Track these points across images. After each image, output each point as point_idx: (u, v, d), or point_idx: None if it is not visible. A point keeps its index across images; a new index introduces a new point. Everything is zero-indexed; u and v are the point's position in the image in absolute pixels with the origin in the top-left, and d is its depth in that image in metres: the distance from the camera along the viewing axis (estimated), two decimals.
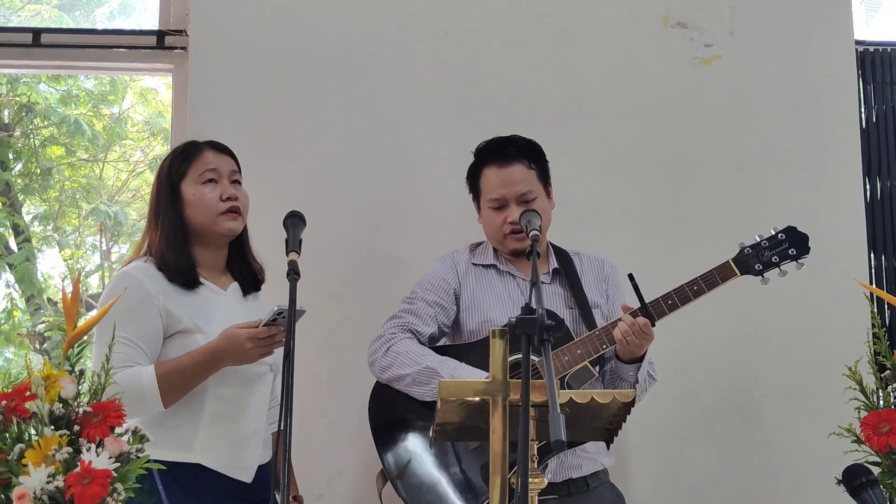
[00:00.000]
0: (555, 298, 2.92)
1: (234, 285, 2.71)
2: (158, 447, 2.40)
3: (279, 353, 2.67)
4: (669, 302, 2.75)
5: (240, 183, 2.70)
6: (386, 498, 2.88)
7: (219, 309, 2.58)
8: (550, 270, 2.96)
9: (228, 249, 2.70)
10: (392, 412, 2.88)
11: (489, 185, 2.93)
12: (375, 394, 2.93)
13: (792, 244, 2.82)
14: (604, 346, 2.75)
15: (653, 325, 2.71)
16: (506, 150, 2.93)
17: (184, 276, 2.57)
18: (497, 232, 2.92)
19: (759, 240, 2.83)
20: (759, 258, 2.82)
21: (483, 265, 2.99)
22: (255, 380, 2.61)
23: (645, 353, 2.77)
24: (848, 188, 3.66)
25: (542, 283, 2.93)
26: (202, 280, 2.62)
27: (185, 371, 2.47)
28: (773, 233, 2.84)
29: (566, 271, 2.96)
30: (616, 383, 2.84)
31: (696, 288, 2.77)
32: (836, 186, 3.65)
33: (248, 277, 2.72)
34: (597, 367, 2.79)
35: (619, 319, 2.73)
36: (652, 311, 2.72)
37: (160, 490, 2.47)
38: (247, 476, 2.58)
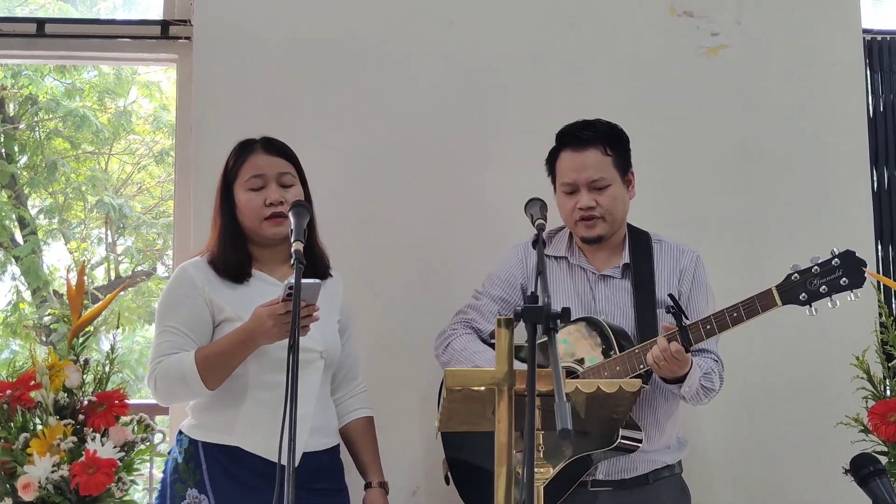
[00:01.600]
0: (622, 294, 2.83)
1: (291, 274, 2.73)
2: (204, 429, 2.61)
3: (330, 337, 2.73)
4: (707, 327, 2.63)
5: (293, 184, 2.71)
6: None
7: (269, 299, 2.56)
8: (621, 265, 2.87)
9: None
10: None
11: (563, 169, 2.86)
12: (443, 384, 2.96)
13: (846, 272, 2.60)
14: (640, 366, 2.65)
15: (687, 351, 2.60)
16: (582, 135, 2.85)
17: (231, 272, 2.67)
18: (568, 218, 2.85)
19: (811, 264, 2.63)
20: (806, 286, 2.61)
21: (555, 257, 2.92)
22: (301, 366, 2.55)
23: (688, 374, 2.64)
24: (855, 177, 3.64)
25: (612, 277, 2.85)
26: (255, 273, 2.70)
27: (222, 353, 2.55)
28: (830, 256, 2.63)
29: (637, 265, 2.86)
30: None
31: (735, 315, 2.63)
32: (844, 176, 3.63)
33: (310, 267, 2.69)
34: (648, 381, 2.70)
35: (655, 341, 2.63)
36: (690, 335, 2.60)
37: (203, 469, 2.57)
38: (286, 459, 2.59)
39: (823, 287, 2.60)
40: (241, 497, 2.56)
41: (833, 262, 2.61)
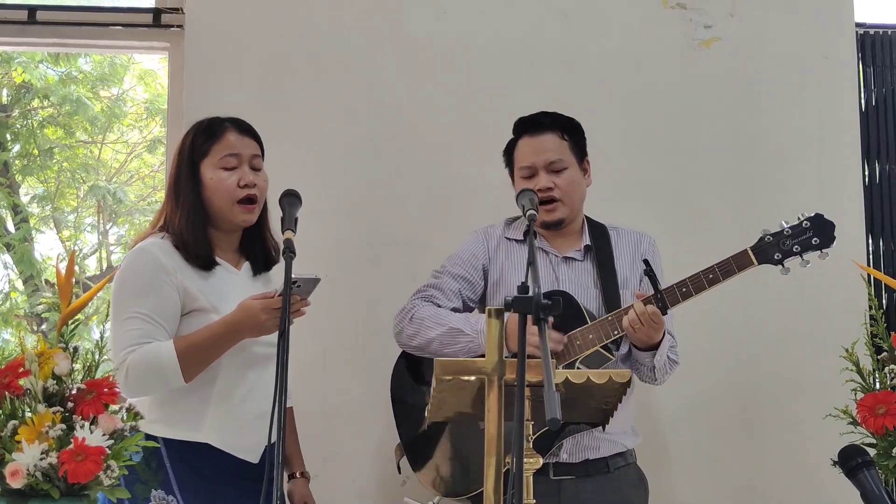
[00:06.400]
0: (584, 276, 2.89)
1: (247, 265, 2.70)
2: (168, 425, 2.52)
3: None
4: (683, 290, 2.69)
5: (261, 168, 2.67)
6: (404, 469, 2.95)
7: (233, 288, 2.57)
8: (582, 247, 2.92)
9: (244, 230, 2.69)
10: (411, 386, 2.92)
11: (521, 155, 2.91)
12: (397, 367, 2.96)
13: (816, 233, 2.71)
14: (615, 332, 2.71)
15: (664, 314, 2.66)
16: (540, 120, 2.92)
17: (202, 259, 2.58)
18: None
19: (782, 227, 2.73)
20: (779, 247, 2.72)
21: (516, 240, 2.95)
22: (264, 360, 2.58)
23: (661, 340, 2.71)
24: (847, 171, 3.65)
25: (574, 259, 2.90)
26: (218, 260, 2.62)
27: (204, 345, 2.48)
28: (799, 220, 2.74)
29: (599, 248, 2.91)
30: (635, 367, 2.81)
31: (710, 276, 2.70)
32: (835, 169, 3.64)
33: (261, 258, 2.71)
34: (615, 351, 2.76)
35: (631, 307, 2.68)
36: (666, 299, 2.66)
37: (168, 468, 2.50)
38: (253, 457, 2.57)
39: (796, 246, 2.72)
40: (209, 494, 2.52)
41: (803, 224, 2.73)
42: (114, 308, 2.54)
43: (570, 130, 2.93)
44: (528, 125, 2.93)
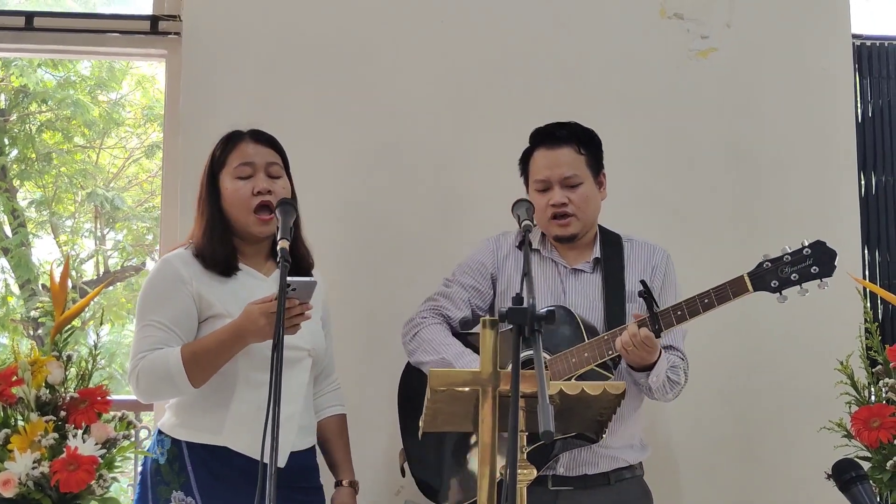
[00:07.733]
0: (591, 288, 2.87)
1: (277, 271, 2.69)
2: (190, 429, 2.56)
3: (317, 335, 2.71)
4: (678, 313, 2.66)
5: (281, 175, 2.68)
6: (409, 472, 2.95)
7: (256, 294, 2.55)
8: (592, 259, 2.90)
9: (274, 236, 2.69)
10: (418, 392, 2.89)
11: (536, 167, 2.89)
12: (406, 373, 2.97)
13: (816, 261, 2.65)
14: (609, 352, 2.69)
15: (658, 336, 2.63)
16: (557, 133, 2.89)
17: (219, 266, 2.62)
18: (542, 216, 2.85)
19: (782, 253, 2.67)
20: (777, 274, 2.66)
21: None
22: (289, 365, 2.55)
23: (656, 361, 2.67)
24: (843, 182, 3.65)
25: (583, 271, 2.88)
26: (242, 267, 2.65)
27: (209, 350, 2.50)
28: (801, 246, 2.67)
29: (609, 260, 2.88)
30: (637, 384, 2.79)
31: (706, 301, 2.66)
32: (832, 180, 3.64)
33: (293, 265, 2.66)
34: (613, 370, 2.73)
35: (625, 327, 2.66)
36: (661, 322, 2.64)
37: (189, 470, 2.53)
38: (279, 461, 2.56)
39: (794, 275, 2.66)
40: (228, 498, 2.52)
41: (804, 252, 2.66)
42: (136, 317, 2.62)
43: (587, 143, 2.89)
44: (545, 137, 2.90)
